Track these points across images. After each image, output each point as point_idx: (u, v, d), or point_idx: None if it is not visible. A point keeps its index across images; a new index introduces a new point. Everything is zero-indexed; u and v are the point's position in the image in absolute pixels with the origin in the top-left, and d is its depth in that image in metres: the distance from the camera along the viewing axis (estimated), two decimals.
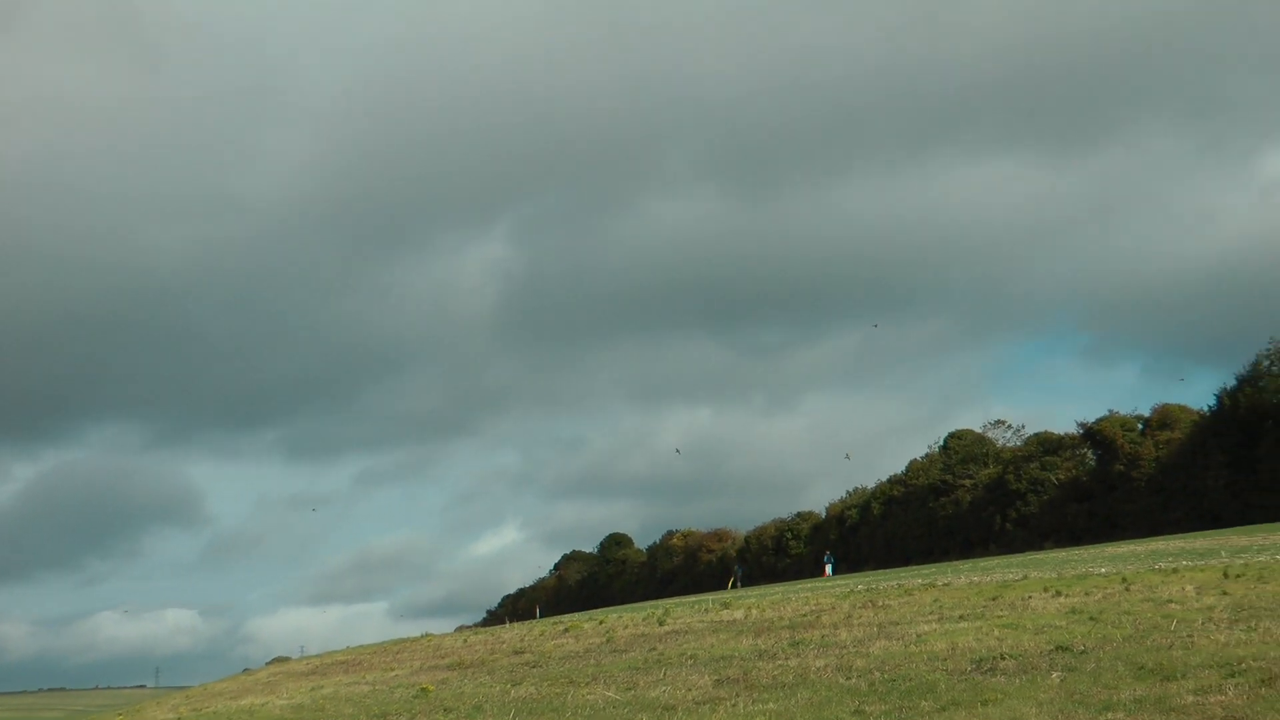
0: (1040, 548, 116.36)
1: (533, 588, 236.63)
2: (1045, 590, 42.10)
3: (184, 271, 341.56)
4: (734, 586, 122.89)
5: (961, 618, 37.11)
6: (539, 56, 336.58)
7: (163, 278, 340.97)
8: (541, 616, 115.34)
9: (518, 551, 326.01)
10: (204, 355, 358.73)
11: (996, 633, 32.66)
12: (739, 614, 48.30)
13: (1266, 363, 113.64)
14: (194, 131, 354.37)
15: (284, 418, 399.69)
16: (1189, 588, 38.10)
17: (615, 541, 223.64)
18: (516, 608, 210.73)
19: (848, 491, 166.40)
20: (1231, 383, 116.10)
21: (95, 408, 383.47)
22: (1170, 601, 35.45)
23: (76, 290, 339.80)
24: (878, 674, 28.35)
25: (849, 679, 28.31)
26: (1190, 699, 21.95)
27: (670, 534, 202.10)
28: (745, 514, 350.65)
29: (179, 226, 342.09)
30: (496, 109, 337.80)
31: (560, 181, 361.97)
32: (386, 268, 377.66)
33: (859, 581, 67.52)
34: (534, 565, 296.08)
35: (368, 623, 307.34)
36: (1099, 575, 45.98)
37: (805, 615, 43.88)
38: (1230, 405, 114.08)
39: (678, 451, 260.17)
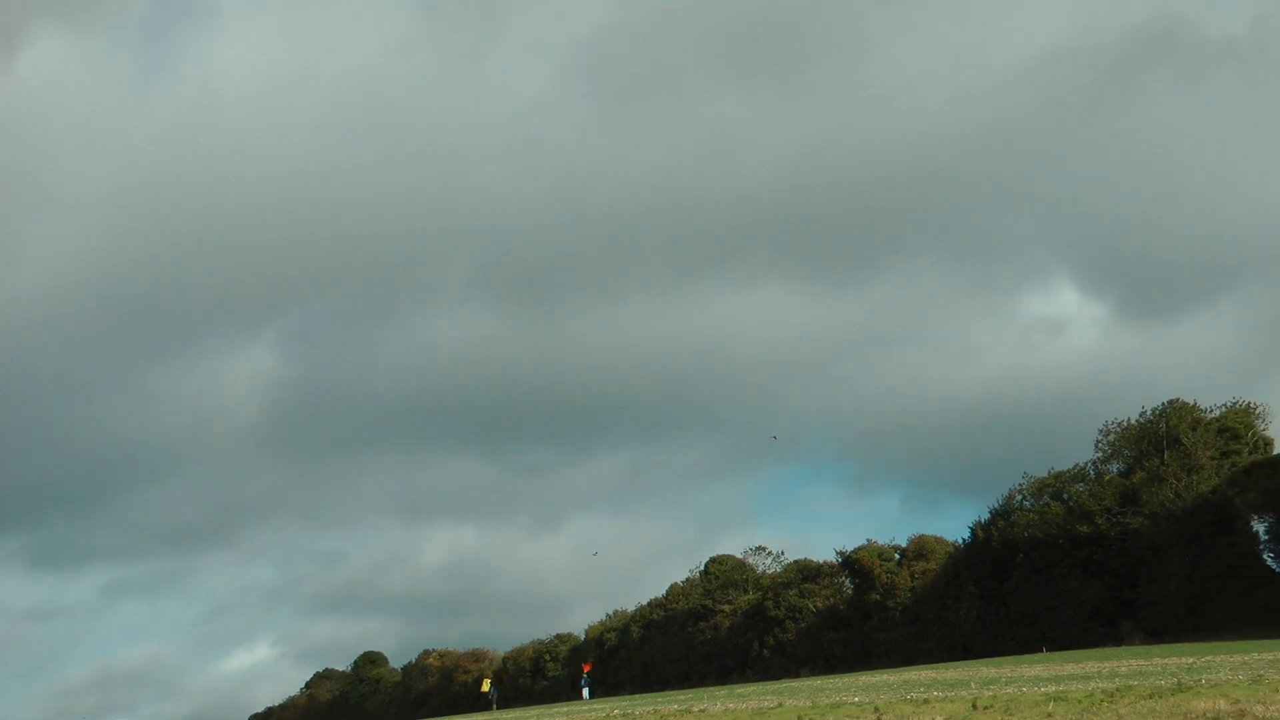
0: (796, 675, 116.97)
1: (282, 706, 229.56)
2: (799, 719, 41.75)
3: None
4: (490, 703, 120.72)
5: None
6: (312, 167, 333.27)
7: None
8: None
9: (269, 669, 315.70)
10: None
11: None
12: None
13: (1019, 497, 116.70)
14: None
15: (26, 524, 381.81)
16: (939, 718, 38.10)
17: (369, 660, 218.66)
18: None
19: (607, 614, 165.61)
20: (985, 516, 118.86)
21: None
22: None
23: None
24: None
25: None
26: None
27: (427, 653, 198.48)
28: (505, 634, 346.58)
29: None
30: (268, 218, 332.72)
31: (331, 293, 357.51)
32: (146, 372, 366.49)
33: (615, 706, 66.49)
34: (286, 683, 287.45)
35: None
36: (852, 704, 45.85)
37: None
38: (983, 538, 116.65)
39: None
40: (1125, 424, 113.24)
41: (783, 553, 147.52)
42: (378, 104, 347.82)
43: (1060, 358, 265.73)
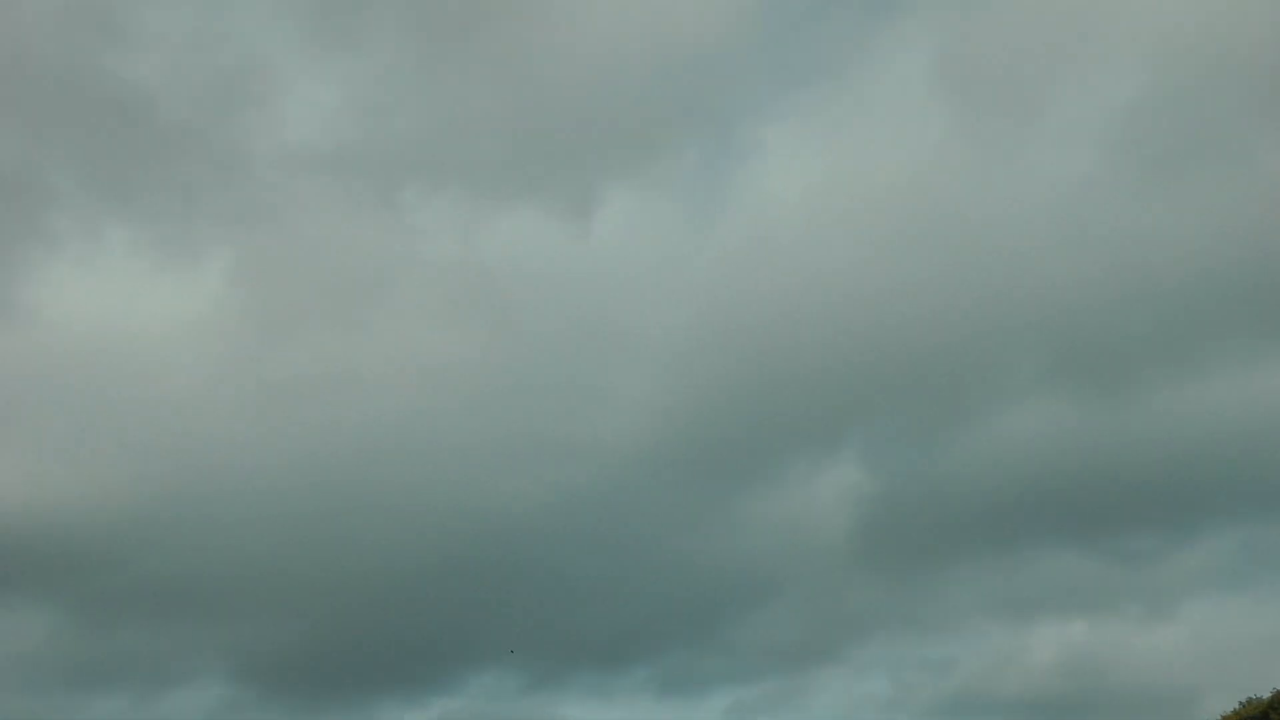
0: None
1: None
2: None
3: (543, 516, 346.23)
4: None
5: None
6: (867, 282, 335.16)
7: (523, 523, 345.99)
8: None
9: None
10: (569, 597, 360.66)
11: None
12: None
13: None
14: (544, 382, 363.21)
15: (651, 655, 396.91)
16: None
17: None
18: None
19: (1240, 702, 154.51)
20: None
21: (472, 655, 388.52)
22: None
23: (446, 541, 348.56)
24: None
25: None
26: None
27: None
28: None
29: (535, 473, 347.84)
30: (836, 331, 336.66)
31: (905, 400, 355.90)
32: (740, 500, 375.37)
33: None
34: None
35: None
36: None
37: None
38: None
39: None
40: None
41: None
42: (922, 210, 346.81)
43: None
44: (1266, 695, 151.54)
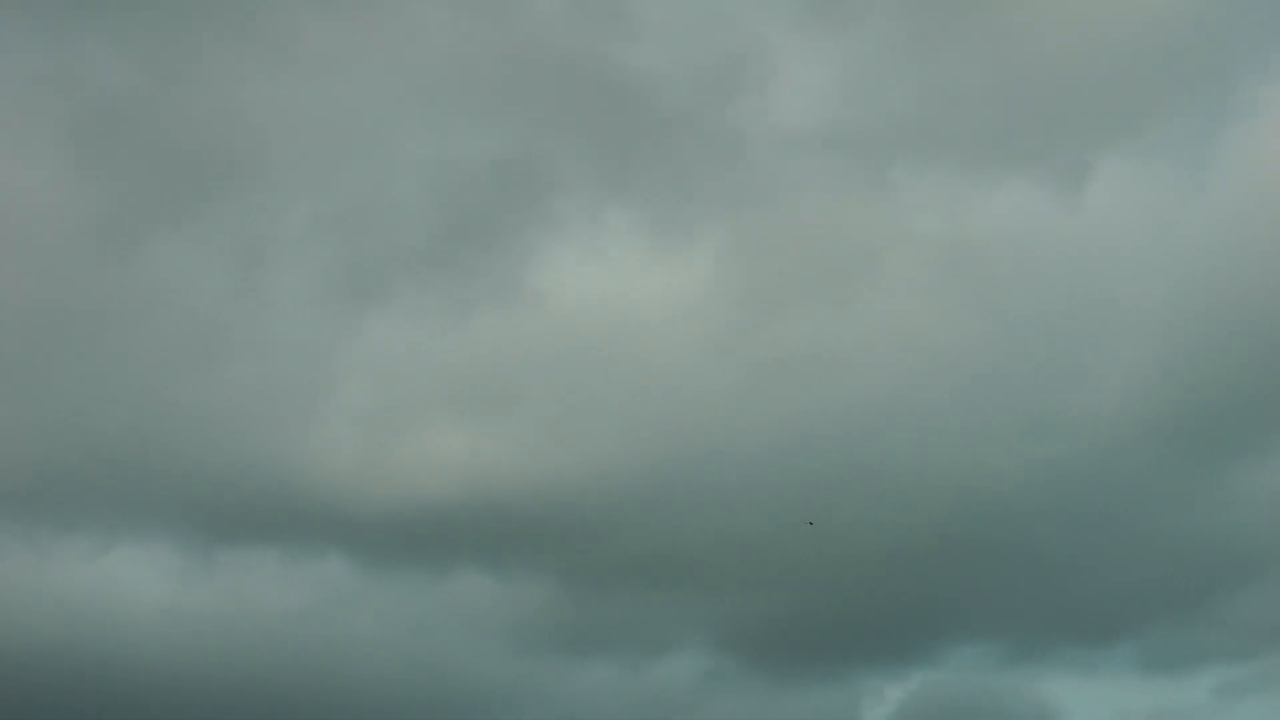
0: None
1: None
2: None
3: (1024, 491, 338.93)
4: None
5: None
6: None
7: (1005, 498, 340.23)
8: None
9: None
10: (1051, 571, 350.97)
11: None
12: None
13: None
14: (1027, 356, 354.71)
15: (1137, 630, 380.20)
16: None
17: None
18: None
19: None
20: None
21: (953, 628, 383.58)
22: None
23: (928, 517, 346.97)
24: None
25: None
26: None
27: None
28: None
29: (1016, 448, 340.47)
30: None
31: None
32: (1233, 472, 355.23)
33: None
34: None
35: None
36: None
37: None
38: None
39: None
40: None
41: None
42: None
43: None
44: None
